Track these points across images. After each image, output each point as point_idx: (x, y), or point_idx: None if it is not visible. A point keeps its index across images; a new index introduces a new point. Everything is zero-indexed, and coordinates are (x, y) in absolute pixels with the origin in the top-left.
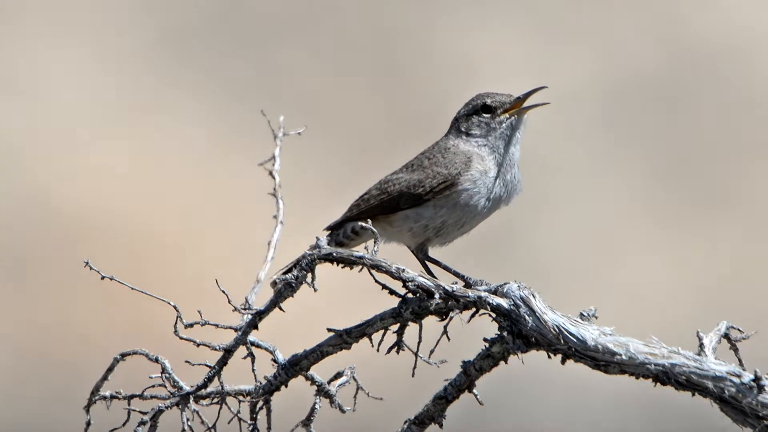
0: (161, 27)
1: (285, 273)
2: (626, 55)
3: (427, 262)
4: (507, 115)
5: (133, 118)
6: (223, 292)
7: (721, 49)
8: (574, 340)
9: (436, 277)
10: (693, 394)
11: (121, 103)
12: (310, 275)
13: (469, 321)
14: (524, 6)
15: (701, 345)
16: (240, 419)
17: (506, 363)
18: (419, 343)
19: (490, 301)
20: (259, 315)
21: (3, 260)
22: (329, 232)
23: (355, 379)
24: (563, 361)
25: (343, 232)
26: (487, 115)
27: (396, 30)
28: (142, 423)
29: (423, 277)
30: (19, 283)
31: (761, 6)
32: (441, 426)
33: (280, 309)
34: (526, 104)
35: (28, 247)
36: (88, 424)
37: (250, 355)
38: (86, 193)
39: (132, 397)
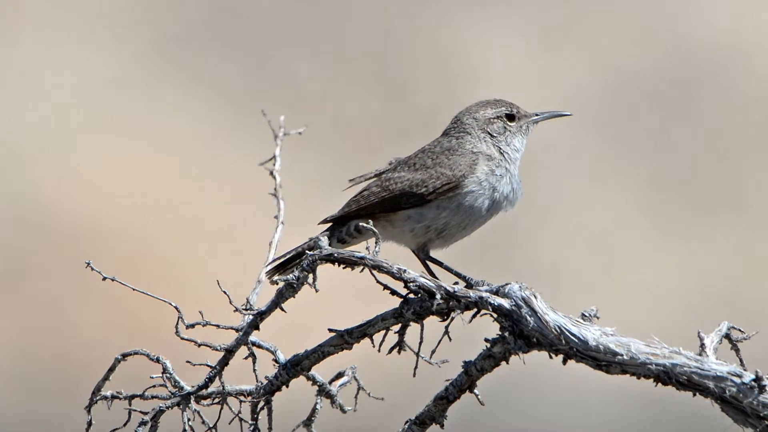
0: (162, 27)
1: (277, 266)
2: (627, 58)
3: (429, 263)
4: (522, 122)
5: (133, 119)
6: (225, 292)
7: (722, 50)
8: (576, 340)
9: (437, 278)
10: (694, 394)
11: (120, 104)
12: (311, 276)
13: (470, 321)
14: (525, 8)
15: (702, 345)
16: (241, 419)
17: (507, 363)
18: (420, 343)
19: (492, 302)
20: (261, 315)
21: (2, 261)
22: (327, 225)
23: (356, 380)
24: (565, 362)
25: (345, 229)
26: (512, 124)
27: (395, 31)
28: (143, 423)
29: (424, 277)
30: (18, 284)
31: (762, 6)
32: (442, 426)
33: (282, 309)
34: (545, 114)
35: (28, 248)
36: (89, 424)
37: (251, 355)
38: (85, 195)
39: (133, 397)
